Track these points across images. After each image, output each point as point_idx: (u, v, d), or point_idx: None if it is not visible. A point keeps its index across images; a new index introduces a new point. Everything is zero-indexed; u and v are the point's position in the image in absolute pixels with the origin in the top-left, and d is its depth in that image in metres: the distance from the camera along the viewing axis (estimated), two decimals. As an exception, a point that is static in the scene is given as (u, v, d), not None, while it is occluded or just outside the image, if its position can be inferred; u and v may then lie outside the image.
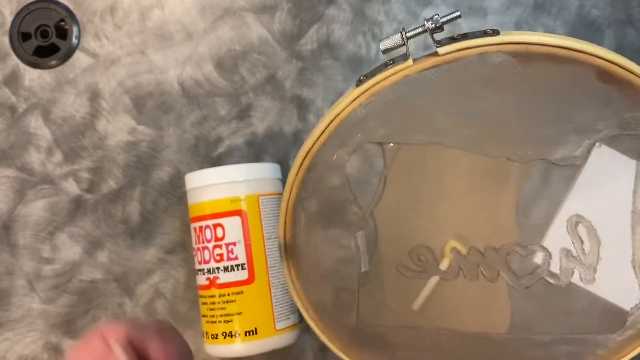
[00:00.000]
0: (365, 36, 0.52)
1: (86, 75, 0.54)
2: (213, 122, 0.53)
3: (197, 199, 0.47)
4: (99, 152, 0.53)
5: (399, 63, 0.40)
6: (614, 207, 0.42)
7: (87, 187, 0.53)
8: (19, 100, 0.54)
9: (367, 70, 0.52)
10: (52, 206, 0.53)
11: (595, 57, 0.38)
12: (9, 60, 0.54)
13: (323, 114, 0.52)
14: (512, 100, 0.41)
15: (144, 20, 0.54)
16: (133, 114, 0.53)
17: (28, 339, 0.52)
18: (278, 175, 0.48)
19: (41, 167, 0.53)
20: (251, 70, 0.53)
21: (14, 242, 0.53)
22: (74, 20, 0.54)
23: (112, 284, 0.52)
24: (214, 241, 0.46)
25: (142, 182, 0.53)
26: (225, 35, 0.53)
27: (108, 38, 0.54)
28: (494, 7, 0.52)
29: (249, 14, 0.53)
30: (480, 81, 0.41)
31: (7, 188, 0.53)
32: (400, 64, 0.40)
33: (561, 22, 0.52)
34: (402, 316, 0.48)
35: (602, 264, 0.43)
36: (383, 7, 0.52)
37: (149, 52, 0.53)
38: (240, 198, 0.46)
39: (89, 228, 0.53)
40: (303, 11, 0.53)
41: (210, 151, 0.53)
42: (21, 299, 0.52)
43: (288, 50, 0.53)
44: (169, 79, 0.53)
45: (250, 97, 0.53)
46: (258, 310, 0.45)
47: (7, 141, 0.53)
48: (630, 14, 0.52)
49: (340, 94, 0.52)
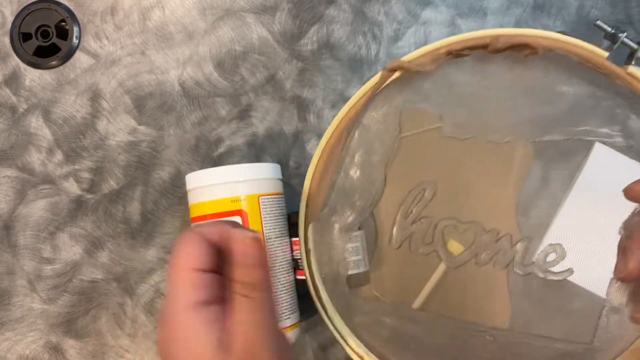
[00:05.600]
0: (365, 36, 0.53)
1: (87, 75, 0.54)
2: (213, 123, 0.53)
3: (197, 198, 0.47)
4: (100, 152, 0.53)
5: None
6: (614, 205, 0.42)
7: (88, 187, 0.53)
8: (20, 100, 0.54)
9: (367, 70, 0.52)
10: (52, 206, 0.53)
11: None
12: (9, 61, 0.54)
13: (323, 114, 0.52)
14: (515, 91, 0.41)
15: (145, 20, 0.54)
16: (134, 114, 0.53)
17: (29, 339, 0.52)
18: (278, 175, 0.48)
19: (42, 167, 0.53)
20: (251, 71, 0.53)
21: (15, 242, 0.53)
22: (74, 21, 0.54)
23: (113, 283, 0.52)
24: (215, 241, 0.46)
25: (142, 182, 0.53)
26: (225, 35, 0.53)
27: (109, 38, 0.54)
28: (493, 7, 0.52)
29: (249, 15, 0.53)
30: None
31: (7, 188, 0.53)
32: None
33: (561, 22, 0.52)
34: (402, 315, 0.48)
35: (600, 259, 0.43)
36: (383, 8, 0.53)
37: (149, 52, 0.53)
38: (241, 198, 0.46)
39: (89, 228, 0.53)
40: (303, 11, 0.53)
41: (211, 151, 0.53)
42: (22, 299, 0.53)
43: (288, 51, 0.53)
44: (170, 79, 0.53)
45: (251, 98, 0.53)
46: (258, 310, 0.45)
47: (8, 141, 0.53)
48: (630, 14, 0.52)
49: (341, 94, 0.52)
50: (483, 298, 0.46)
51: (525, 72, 0.40)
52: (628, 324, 0.40)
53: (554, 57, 0.39)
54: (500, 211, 0.45)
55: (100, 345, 0.52)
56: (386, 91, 0.40)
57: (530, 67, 0.40)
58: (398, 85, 0.40)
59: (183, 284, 0.32)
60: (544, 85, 0.41)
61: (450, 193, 0.46)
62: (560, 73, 0.40)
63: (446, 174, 0.46)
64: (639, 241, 0.37)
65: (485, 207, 0.45)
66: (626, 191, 0.37)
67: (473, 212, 0.46)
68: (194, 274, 0.33)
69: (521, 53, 0.39)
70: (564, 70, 0.40)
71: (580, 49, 0.38)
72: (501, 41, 0.38)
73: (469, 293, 0.46)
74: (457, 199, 0.45)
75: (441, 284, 0.47)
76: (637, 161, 0.42)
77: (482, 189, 0.45)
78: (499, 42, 0.38)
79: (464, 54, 0.39)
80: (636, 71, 0.38)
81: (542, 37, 0.38)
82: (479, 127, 0.42)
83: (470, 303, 0.46)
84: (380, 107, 0.40)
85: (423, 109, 0.44)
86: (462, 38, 0.39)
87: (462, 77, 0.41)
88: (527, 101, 0.42)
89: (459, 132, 0.42)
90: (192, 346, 0.31)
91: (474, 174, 0.45)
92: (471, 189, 0.45)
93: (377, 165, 0.43)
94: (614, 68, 0.38)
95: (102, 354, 0.52)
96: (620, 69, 0.38)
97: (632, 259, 0.36)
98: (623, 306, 0.40)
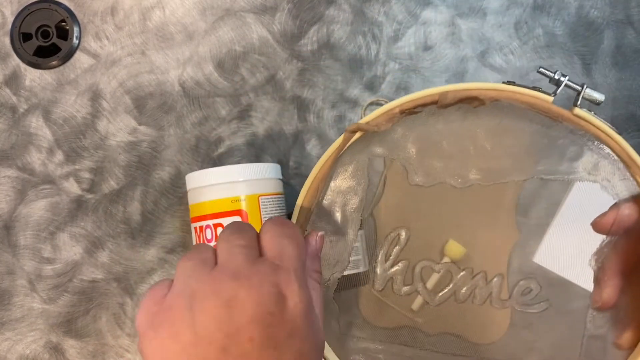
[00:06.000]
0: (365, 37, 0.53)
1: (87, 75, 0.54)
2: (213, 123, 0.53)
3: (197, 198, 0.47)
4: (100, 152, 0.53)
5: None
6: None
7: (88, 187, 0.53)
8: (20, 100, 0.54)
9: (367, 71, 0.52)
10: (53, 206, 0.53)
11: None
12: (9, 61, 0.54)
13: (323, 114, 0.53)
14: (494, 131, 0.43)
15: (145, 20, 0.54)
16: (134, 114, 0.53)
17: (29, 339, 0.52)
18: (278, 175, 0.48)
19: (42, 167, 0.53)
20: (251, 71, 0.53)
21: (15, 242, 0.53)
22: (74, 21, 0.54)
23: (113, 283, 0.52)
24: (215, 241, 0.46)
25: (143, 182, 0.53)
26: (225, 35, 0.53)
27: (109, 38, 0.54)
28: (493, 7, 0.52)
29: (249, 15, 0.53)
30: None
31: (8, 188, 0.53)
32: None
33: (560, 23, 0.52)
34: (402, 316, 0.48)
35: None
36: (383, 8, 0.53)
37: (149, 52, 0.53)
38: (241, 198, 0.46)
39: (89, 228, 0.53)
40: (303, 12, 0.53)
41: (211, 151, 0.53)
42: (22, 299, 0.53)
43: (288, 51, 0.53)
44: (170, 79, 0.53)
45: (251, 98, 0.53)
46: (258, 310, 0.45)
47: (8, 141, 0.54)
48: (629, 15, 0.52)
49: (340, 94, 0.52)
50: (481, 311, 0.47)
51: (478, 121, 0.42)
52: (611, 350, 0.41)
53: (503, 105, 0.40)
54: (472, 250, 0.47)
55: (101, 345, 0.52)
56: (353, 148, 0.42)
57: (482, 116, 0.42)
58: (363, 142, 0.42)
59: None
60: (498, 130, 0.42)
61: (424, 235, 0.49)
62: (512, 119, 0.42)
63: (418, 217, 0.49)
64: (610, 271, 0.40)
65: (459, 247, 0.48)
66: (594, 224, 0.40)
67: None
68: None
69: (471, 105, 0.40)
70: (515, 116, 0.41)
71: (525, 96, 0.40)
72: (449, 97, 0.40)
73: (467, 306, 0.48)
74: (432, 241, 0.49)
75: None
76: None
77: (453, 229, 0.48)
78: (447, 98, 0.40)
79: (416, 111, 0.41)
80: (582, 112, 0.39)
81: (487, 89, 0.40)
82: (442, 173, 0.44)
83: (468, 314, 0.48)
84: (348, 164, 0.43)
85: (389, 162, 0.48)
86: (412, 98, 0.40)
87: (421, 129, 0.44)
88: (484, 145, 0.43)
89: (423, 180, 0.44)
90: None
91: (444, 216, 0.49)
92: (443, 230, 0.48)
93: (353, 215, 0.44)
94: (561, 111, 0.39)
95: (102, 354, 0.52)
96: (567, 111, 0.39)
97: (605, 288, 0.39)
98: (604, 334, 0.41)
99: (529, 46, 0.52)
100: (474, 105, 0.40)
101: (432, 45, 0.52)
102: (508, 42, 0.52)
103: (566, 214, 0.47)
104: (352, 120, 0.52)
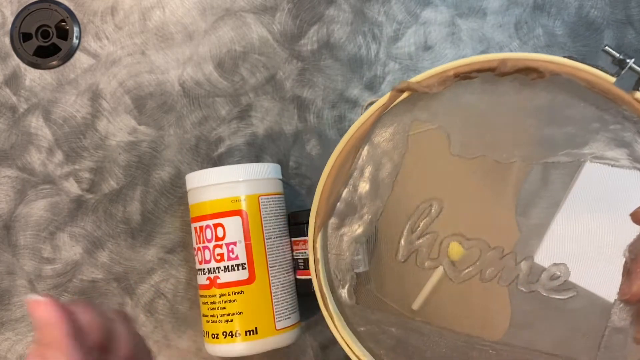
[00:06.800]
0: (365, 37, 0.53)
1: (87, 75, 0.54)
2: (213, 123, 0.53)
3: (197, 198, 0.47)
4: (100, 152, 0.53)
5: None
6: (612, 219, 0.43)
7: (88, 187, 0.53)
8: (20, 100, 0.54)
9: (367, 70, 0.52)
10: (53, 206, 0.53)
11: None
12: (9, 61, 0.54)
13: (323, 114, 0.53)
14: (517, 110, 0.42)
15: (145, 20, 0.54)
16: (134, 114, 0.53)
17: (29, 339, 0.52)
18: (278, 175, 0.49)
19: (42, 167, 0.53)
20: (251, 71, 0.53)
21: (15, 242, 0.53)
22: (74, 21, 0.54)
23: (113, 283, 0.52)
24: (215, 241, 0.46)
25: (142, 182, 0.53)
26: (225, 35, 0.53)
27: (109, 38, 0.54)
28: (493, 7, 0.52)
29: (249, 15, 0.53)
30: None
31: (8, 188, 0.53)
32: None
33: (560, 23, 0.52)
34: (402, 316, 0.48)
35: (602, 260, 0.44)
36: (383, 8, 0.53)
37: (149, 52, 0.53)
38: (241, 198, 0.46)
39: (89, 228, 0.53)
40: (303, 12, 0.53)
41: (211, 151, 0.53)
42: (22, 299, 0.53)
43: (288, 51, 0.53)
44: (170, 79, 0.53)
45: (251, 98, 0.53)
46: (258, 310, 0.45)
47: (8, 141, 0.54)
48: (629, 15, 0.52)
49: (340, 94, 0.52)
50: (483, 302, 0.46)
51: (533, 95, 0.41)
52: (631, 345, 0.40)
53: (561, 81, 0.39)
54: (504, 230, 0.46)
55: (101, 345, 0.52)
56: (395, 110, 0.40)
57: (537, 90, 0.41)
58: (407, 105, 0.41)
59: None
60: (551, 107, 0.41)
61: (456, 210, 0.46)
62: (567, 96, 0.41)
63: (453, 191, 0.46)
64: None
65: (490, 225, 0.46)
66: (633, 215, 0.38)
67: (478, 230, 0.47)
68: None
69: (528, 76, 0.39)
70: (571, 94, 0.40)
71: (587, 74, 0.39)
72: (509, 65, 0.39)
73: (469, 295, 0.46)
74: (463, 216, 0.46)
75: (439, 290, 0.47)
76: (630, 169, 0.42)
77: (487, 207, 0.46)
78: (506, 66, 0.39)
79: (471, 77, 0.40)
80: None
81: (549, 62, 0.39)
82: (486, 146, 0.42)
83: (471, 305, 0.46)
84: (389, 126, 0.41)
85: (431, 128, 0.45)
86: (470, 61, 0.39)
87: (470, 98, 0.42)
88: (533, 123, 0.42)
89: (466, 152, 0.43)
90: None
91: (480, 192, 0.46)
92: (477, 206, 0.46)
93: (385, 181, 0.43)
94: (621, 94, 0.38)
95: (102, 354, 0.52)
96: (627, 94, 0.38)
97: (637, 281, 0.37)
98: (627, 327, 0.40)
99: (529, 46, 0.52)
100: (532, 77, 0.39)
101: (432, 45, 0.52)
102: (508, 42, 0.52)
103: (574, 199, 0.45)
104: (352, 121, 0.52)
